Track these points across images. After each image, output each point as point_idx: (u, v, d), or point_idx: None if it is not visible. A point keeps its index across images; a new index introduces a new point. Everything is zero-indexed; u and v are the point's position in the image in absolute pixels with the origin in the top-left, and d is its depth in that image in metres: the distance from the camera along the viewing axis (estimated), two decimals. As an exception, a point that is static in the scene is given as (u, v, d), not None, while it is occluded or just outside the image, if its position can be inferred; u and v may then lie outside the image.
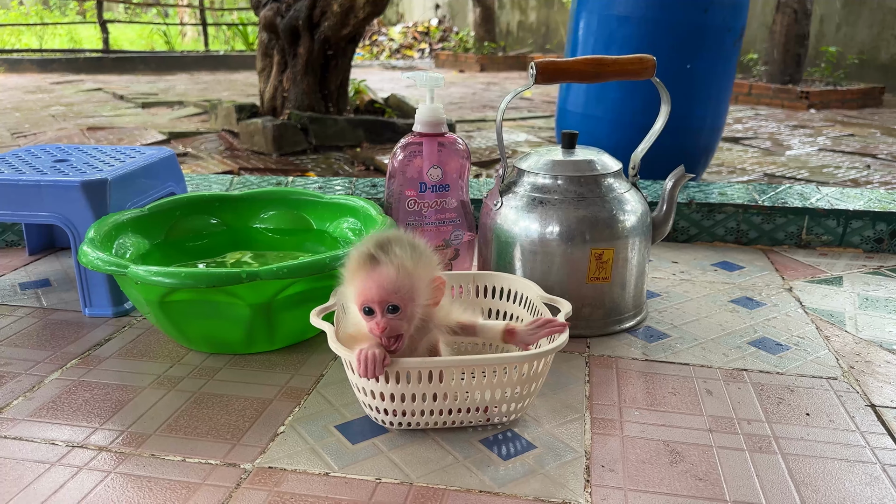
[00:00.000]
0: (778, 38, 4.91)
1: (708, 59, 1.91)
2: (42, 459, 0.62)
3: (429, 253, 0.63)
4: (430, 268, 0.63)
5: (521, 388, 0.65)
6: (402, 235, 0.63)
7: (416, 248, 0.62)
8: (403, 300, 0.60)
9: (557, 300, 0.73)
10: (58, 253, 1.15)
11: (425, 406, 0.64)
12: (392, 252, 0.60)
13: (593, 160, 0.86)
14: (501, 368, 0.63)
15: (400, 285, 0.60)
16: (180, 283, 0.70)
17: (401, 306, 0.60)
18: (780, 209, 1.18)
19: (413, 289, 0.61)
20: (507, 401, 0.65)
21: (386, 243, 0.61)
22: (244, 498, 0.57)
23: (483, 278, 0.81)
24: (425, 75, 0.91)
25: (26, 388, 0.74)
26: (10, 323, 0.90)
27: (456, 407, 0.64)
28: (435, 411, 0.64)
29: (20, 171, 0.93)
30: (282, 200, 0.99)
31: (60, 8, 10.65)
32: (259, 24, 3.26)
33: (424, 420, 0.65)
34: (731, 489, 0.59)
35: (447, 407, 0.64)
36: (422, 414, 0.64)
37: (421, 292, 0.62)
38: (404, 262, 0.60)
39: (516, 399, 0.65)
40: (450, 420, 0.66)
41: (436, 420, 0.65)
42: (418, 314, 0.63)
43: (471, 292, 0.81)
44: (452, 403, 0.64)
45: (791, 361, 0.81)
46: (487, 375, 0.63)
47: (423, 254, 0.62)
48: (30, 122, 3.75)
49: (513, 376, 0.63)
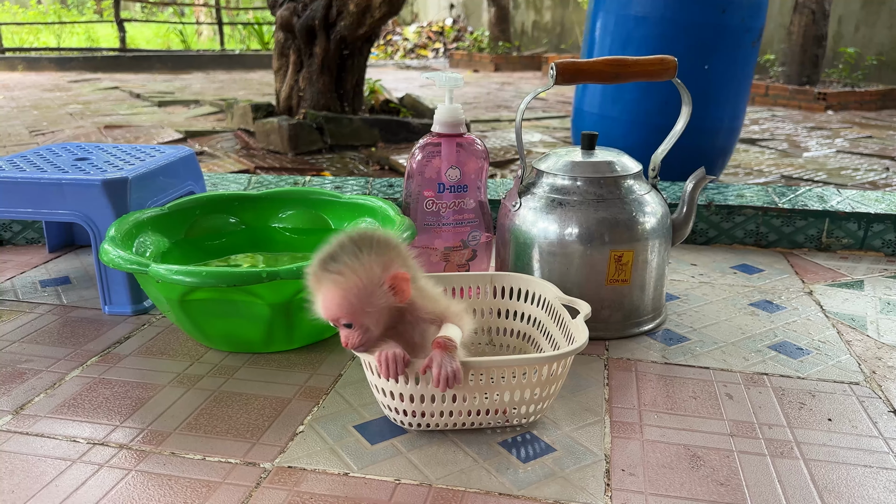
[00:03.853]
0: (795, 39, 4.87)
1: (726, 59, 1.90)
2: (64, 456, 0.63)
3: (379, 253, 0.59)
4: (379, 271, 0.59)
5: (540, 391, 0.64)
6: (349, 241, 0.59)
7: (360, 255, 0.58)
8: (352, 315, 0.59)
9: (575, 301, 0.72)
10: (77, 250, 1.16)
11: (444, 407, 0.64)
12: (332, 269, 0.58)
13: (613, 161, 0.86)
14: (521, 371, 0.63)
15: (342, 303, 0.58)
16: (201, 282, 0.70)
17: (352, 322, 0.59)
18: (799, 212, 1.17)
19: (359, 301, 0.58)
20: (527, 403, 0.65)
21: (328, 259, 0.58)
22: (264, 497, 0.58)
23: (501, 279, 0.81)
24: (444, 76, 0.91)
25: (47, 384, 0.75)
26: (31, 320, 0.90)
27: (475, 408, 0.64)
28: (454, 412, 0.64)
29: (42, 169, 0.94)
30: (300, 200, 0.99)
31: (78, 7, 10.74)
32: (275, 23, 3.27)
33: (444, 421, 0.65)
34: (752, 495, 0.59)
35: (465, 408, 0.64)
36: (441, 415, 0.64)
37: (372, 299, 0.59)
38: (344, 279, 0.58)
39: (535, 401, 0.65)
40: (468, 421, 0.66)
41: (455, 421, 0.65)
42: (382, 317, 0.61)
43: (488, 293, 0.81)
44: (472, 404, 0.64)
45: (812, 366, 0.80)
46: (507, 377, 0.63)
47: (368, 259, 0.58)
48: (48, 120, 3.79)
49: (532, 378, 0.63)
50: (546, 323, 0.76)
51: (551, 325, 0.75)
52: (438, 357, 0.59)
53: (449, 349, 0.60)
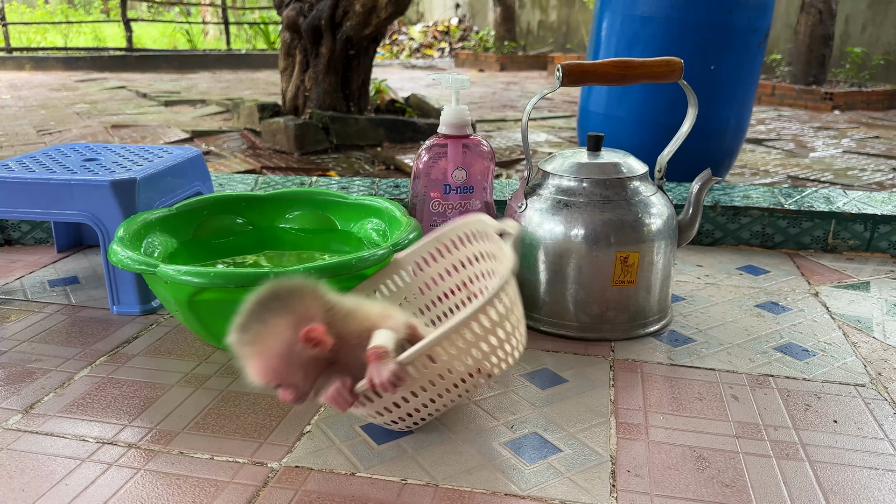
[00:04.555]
0: (802, 39, 4.86)
1: (732, 59, 1.90)
2: (73, 455, 0.63)
3: (287, 312, 0.58)
4: (289, 333, 0.57)
5: (501, 332, 0.62)
6: (256, 307, 0.58)
7: (267, 321, 0.57)
8: (278, 378, 0.58)
9: (506, 223, 0.69)
10: (86, 250, 1.17)
11: (425, 398, 0.63)
12: (246, 340, 0.57)
13: (619, 163, 0.86)
14: (463, 334, 0.60)
15: (265, 370, 0.58)
16: (209, 283, 0.70)
17: (280, 383, 0.59)
18: (806, 213, 1.17)
19: (280, 364, 0.58)
20: (495, 350, 0.63)
21: (241, 330, 0.57)
22: (272, 496, 0.58)
23: (445, 236, 0.78)
24: (451, 77, 0.91)
25: (56, 384, 0.75)
26: (40, 320, 0.91)
27: (452, 384, 0.63)
28: (436, 398, 0.63)
29: (51, 170, 0.94)
30: (307, 201, 1.00)
31: (85, 6, 10.78)
32: (281, 23, 3.28)
33: (434, 409, 0.65)
34: (758, 496, 0.59)
35: (443, 389, 0.63)
36: (426, 406, 0.64)
37: (292, 359, 0.58)
38: (258, 348, 0.57)
39: (503, 343, 0.63)
40: (455, 397, 0.64)
41: (443, 404, 0.65)
42: (312, 367, 0.59)
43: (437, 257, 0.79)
44: (444, 384, 0.62)
45: (818, 368, 0.80)
46: (455, 347, 0.60)
47: (276, 322, 0.57)
48: (55, 120, 3.80)
49: (481, 330, 0.60)
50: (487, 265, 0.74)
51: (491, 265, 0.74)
52: (372, 370, 0.58)
53: (380, 357, 0.58)
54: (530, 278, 0.87)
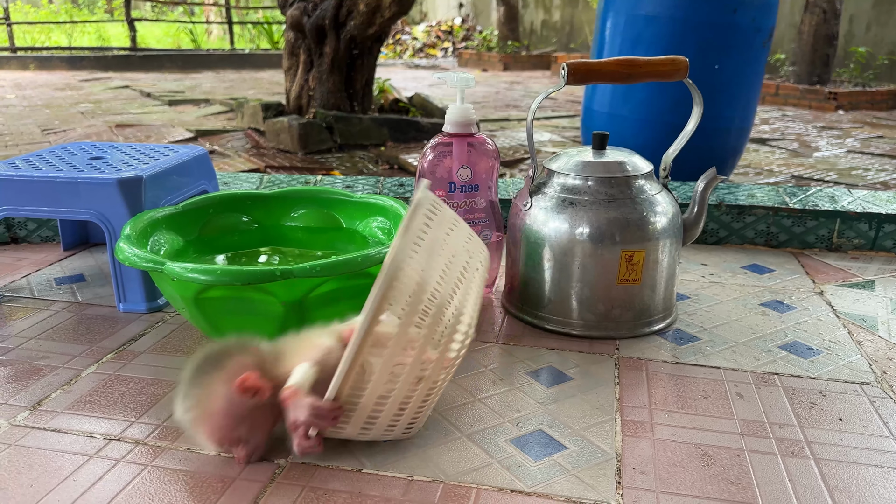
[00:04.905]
0: (806, 39, 4.85)
1: (737, 59, 1.89)
2: (81, 452, 0.64)
3: (219, 368, 0.59)
4: (224, 388, 0.58)
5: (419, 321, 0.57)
6: (191, 373, 0.60)
7: (202, 382, 0.59)
8: (223, 437, 0.59)
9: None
10: (91, 249, 1.17)
11: (405, 394, 0.60)
12: (188, 407, 0.59)
13: (624, 161, 0.86)
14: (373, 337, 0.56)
15: (213, 433, 0.59)
16: (216, 280, 0.71)
17: (230, 444, 0.60)
18: (810, 212, 1.17)
19: (226, 421, 0.59)
20: (431, 336, 0.58)
21: (182, 400, 0.59)
22: (279, 492, 0.58)
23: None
24: (456, 76, 0.91)
25: (64, 381, 0.76)
26: (46, 317, 0.91)
27: (410, 381, 0.59)
28: (405, 398, 0.60)
29: (57, 168, 0.95)
30: (312, 199, 1.00)
31: (89, 6, 10.80)
32: (285, 23, 3.28)
33: (413, 409, 0.62)
34: (763, 493, 0.59)
35: (405, 388, 0.59)
36: (404, 407, 0.61)
37: (236, 412, 0.58)
38: (201, 411, 0.59)
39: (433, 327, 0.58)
40: (427, 388, 0.61)
41: (421, 398, 0.61)
42: (259, 417, 0.60)
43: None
44: (403, 379, 0.59)
45: (823, 366, 0.80)
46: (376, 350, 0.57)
47: (210, 381, 0.59)
48: (59, 119, 3.81)
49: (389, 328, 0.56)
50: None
51: None
52: (290, 413, 0.58)
53: (291, 397, 0.57)
54: (535, 276, 0.87)
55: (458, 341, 0.61)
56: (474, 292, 0.63)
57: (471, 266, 0.64)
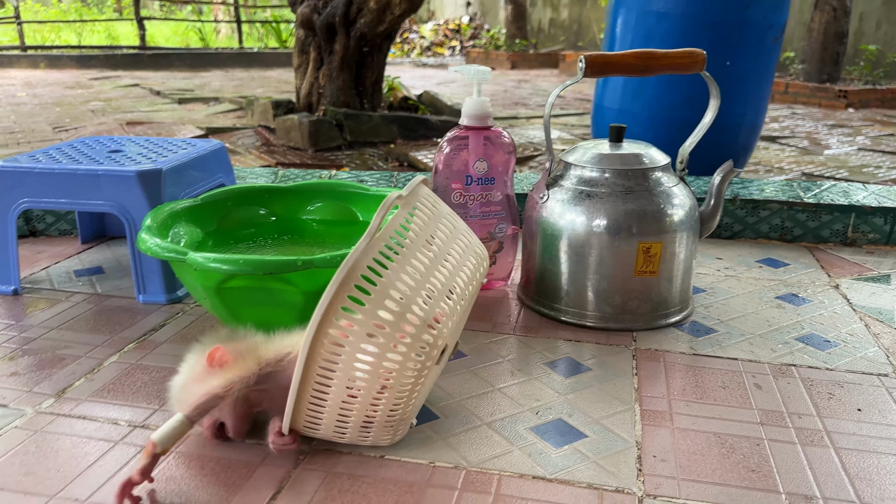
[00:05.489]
0: (816, 36, 4.84)
1: (748, 55, 1.89)
2: (106, 438, 0.65)
3: (202, 348, 0.62)
4: (199, 358, 0.62)
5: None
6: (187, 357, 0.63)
7: (186, 360, 0.63)
8: (196, 408, 0.59)
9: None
10: (109, 242, 1.18)
11: (363, 402, 0.58)
12: (173, 384, 0.63)
13: (641, 154, 0.86)
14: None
15: (182, 403, 0.60)
16: (238, 270, 0.71)
17: (198, 412, 0.59)
18: (825, 206, 1.17)
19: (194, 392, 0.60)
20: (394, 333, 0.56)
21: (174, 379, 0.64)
22: (302, 478, 0.59)
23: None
24: (473, 69, 0.92)
25: (87, 370, 0.77)
26: (67, 308, 0.92)
27: (377, 376, 0.57)
28: (377, 394, 0.58)
29: (77, 161, 0.96)
30: (329, 192, 1.01)
31: (98, 5, 10.84)
32: (296, 21, 3.29)
33: (395, 401, 0.59)
34: (784, 481, 0.59)
35: (373, 384, 0.57)
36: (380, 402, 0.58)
37: (207, 384, 0.59)
38: (177, 387, 0.62)
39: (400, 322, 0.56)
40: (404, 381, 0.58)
41: (402, 393, 0.58)
42: (231, 404, 0.61)
43: None
44: (369, 376, 0.57)
45: (840, 358, 0.80)
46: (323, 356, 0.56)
47: (192, 357, 0.63)
48: (70, 117, 3.83)
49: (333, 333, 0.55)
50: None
51: None
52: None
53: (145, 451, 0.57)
54: (551, 268, 0.88)
55: (425, 346, 0.57)
56: (455, 297, 0.60)
57: (457, 267, 0.61)
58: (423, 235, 0.60)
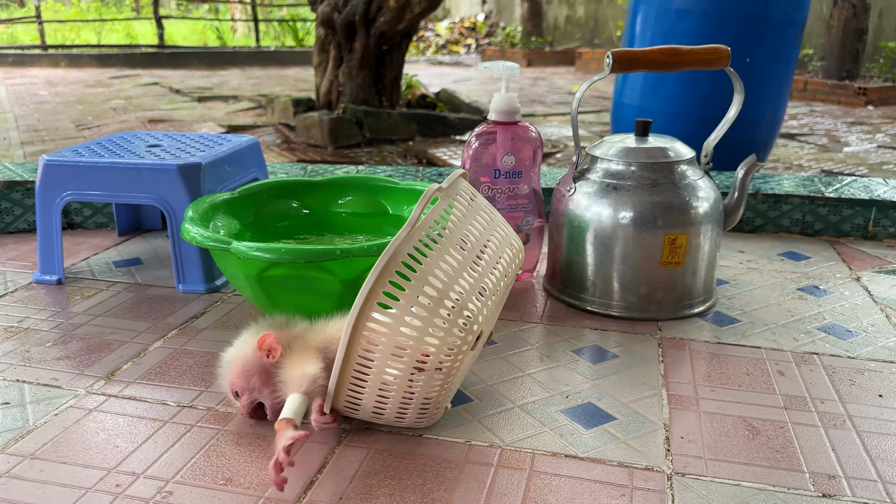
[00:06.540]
0: (835, 33, 4.81)
1: (768, 52, 1.90)
2: (157, 417, 0.68)
3: (253, 332, 0.67)
4: (251, 339, 0.66)
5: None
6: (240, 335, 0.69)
7: (240, 337, 0.69)
8: (238, 381, 0.65)
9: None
10: (144, 234, 1.22)
11: (399, 386, 0.60)
12: (223, 358, 0.68)
13: (666, 147, 0.89)
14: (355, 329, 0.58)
15: (228, 377, 0.67)
16: (279, 259, 0.74)
17: (239, 387, 0.66)
18: (846, 200, 1.19)
19: (239, 370, 0.65)
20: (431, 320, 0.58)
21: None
22: (346, 455, 0.62)
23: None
24: (502, 64, 0.94)
25: (133, 354, 0.80)
26: (109, 297, 0.96)
27: (411, 363, 0.59)
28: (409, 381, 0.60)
29: (119, 155, 0.99)
30: (360, 186, 1.04)
31: (117, 5, 10.95)
32: (316, 19, 3.33)
33: (425, 390, 0.61)
34: (808, 461, 0.61)
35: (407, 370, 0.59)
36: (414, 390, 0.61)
37: (248, 367, 0.65)
38: (226, 362, 0.68)
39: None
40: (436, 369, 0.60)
41: (438, 378, 0.60)
42: (266, 380, 0.65)
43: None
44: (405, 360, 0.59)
45: (861, 346, 0.82)
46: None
47: (244, 338, 0.67)
48: (92, 115, 3.89)
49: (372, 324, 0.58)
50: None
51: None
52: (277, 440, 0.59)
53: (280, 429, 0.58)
54: (578, 260, 0.90)
55: (461, 332, 0.59)
56: (491, 285, 0.62)
57: (493, 257, 0.64)
58: (461, 226, 0.62)
